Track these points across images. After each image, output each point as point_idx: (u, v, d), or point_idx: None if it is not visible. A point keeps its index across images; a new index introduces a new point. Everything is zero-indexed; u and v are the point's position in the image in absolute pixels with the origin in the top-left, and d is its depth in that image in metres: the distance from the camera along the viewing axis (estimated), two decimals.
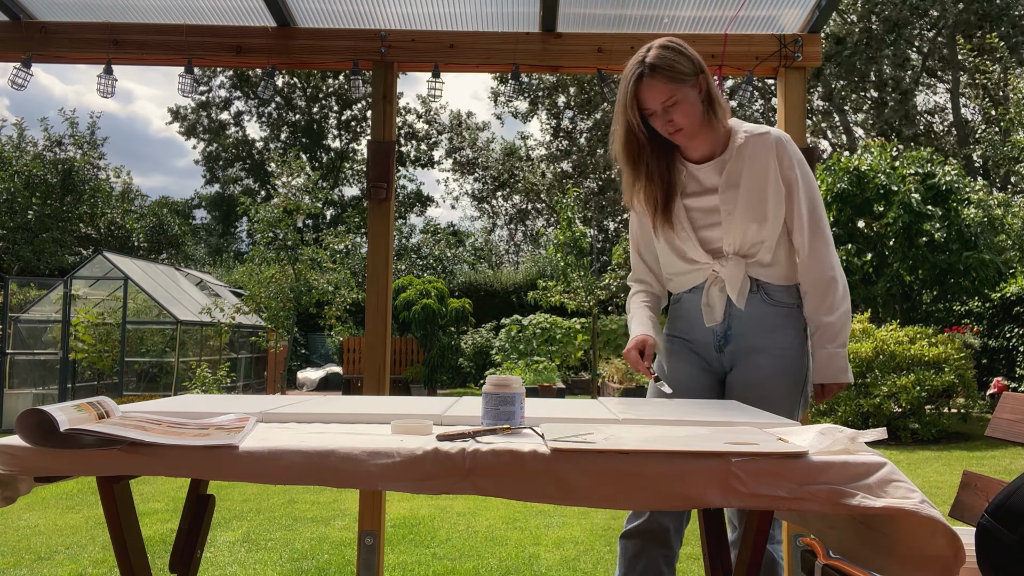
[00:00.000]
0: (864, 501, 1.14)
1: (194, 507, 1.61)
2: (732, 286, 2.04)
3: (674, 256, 2.11)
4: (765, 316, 2.06)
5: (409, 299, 13.73)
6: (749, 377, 2.05)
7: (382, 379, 2.81)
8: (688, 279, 2.12)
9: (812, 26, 2.81)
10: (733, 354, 2.08)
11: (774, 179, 2.01)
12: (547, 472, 1.19)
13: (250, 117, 29.37)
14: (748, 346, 2.06)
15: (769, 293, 2.06)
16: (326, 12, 2.87)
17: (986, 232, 9.16)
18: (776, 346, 2.05)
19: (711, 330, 2.09)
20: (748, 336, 2.06)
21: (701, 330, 2.10)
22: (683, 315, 2.15)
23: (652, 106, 1.94)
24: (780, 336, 2.06)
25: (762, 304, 2.06)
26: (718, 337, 2.09)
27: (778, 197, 2.01)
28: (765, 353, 2.04)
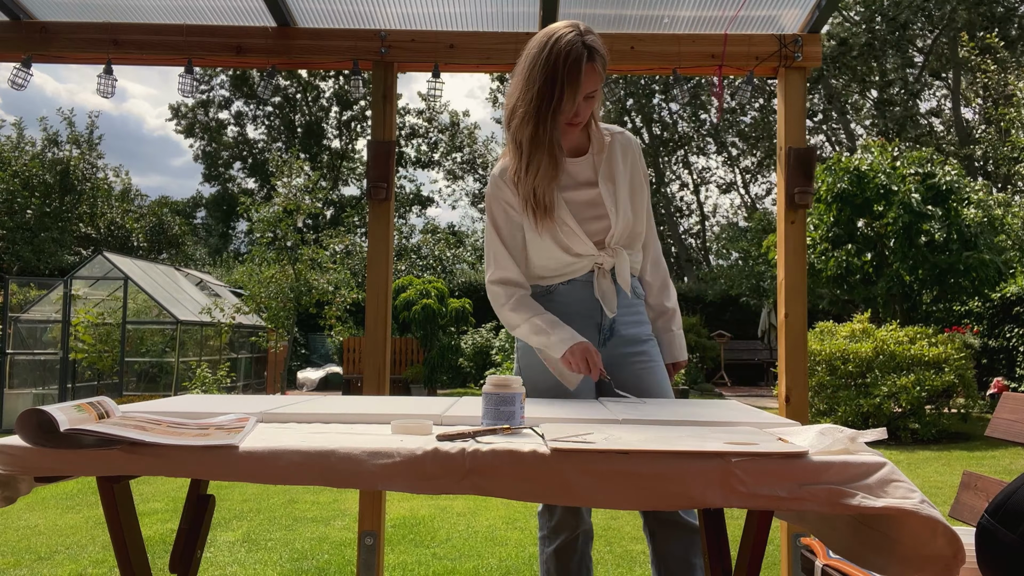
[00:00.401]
0: (864, 501, 1.14)
1: (194, 507, 1.61)
2: (622, 275, 2.03)
3: (557, 249, 2.00)
4: (635, 306, 2.11)
5: (409, 299, 13.73)
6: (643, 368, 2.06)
7: (382, 379, 2.81)
8: (568, 271, 2.04)
9: (812, 26, 2.81)
10: (615, 346, 2.06)
11: (640, 176, 2.08)
12: (547, 472, 1.19)
13: (250, 118, 29.37)
14: (629, 337, 2.07)
15: (633, 286, 2.11)
16: (326, 12, 2.87)
17: (986, 232, 9.16)
18: (648, 335, 2.12)
19: (595, 325, 2.04)
20: (627, 327, 2.07)
21: (579, 324, 2.01)
22: (558, 310, 2.03)
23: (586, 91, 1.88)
24: (646, 327, 2.14)
25: (628, 296, 2.08)
26: (604, 331, 2.05)
27: (643, 193, 2.08)
28: (647, 342, 2.10)
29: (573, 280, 2.04)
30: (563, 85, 1.83)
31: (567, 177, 2.01)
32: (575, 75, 1.83)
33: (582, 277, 2.04)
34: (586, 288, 2.04)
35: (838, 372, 7.64)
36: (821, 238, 9.61)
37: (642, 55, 2.88)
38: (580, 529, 2.05)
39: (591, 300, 2.04)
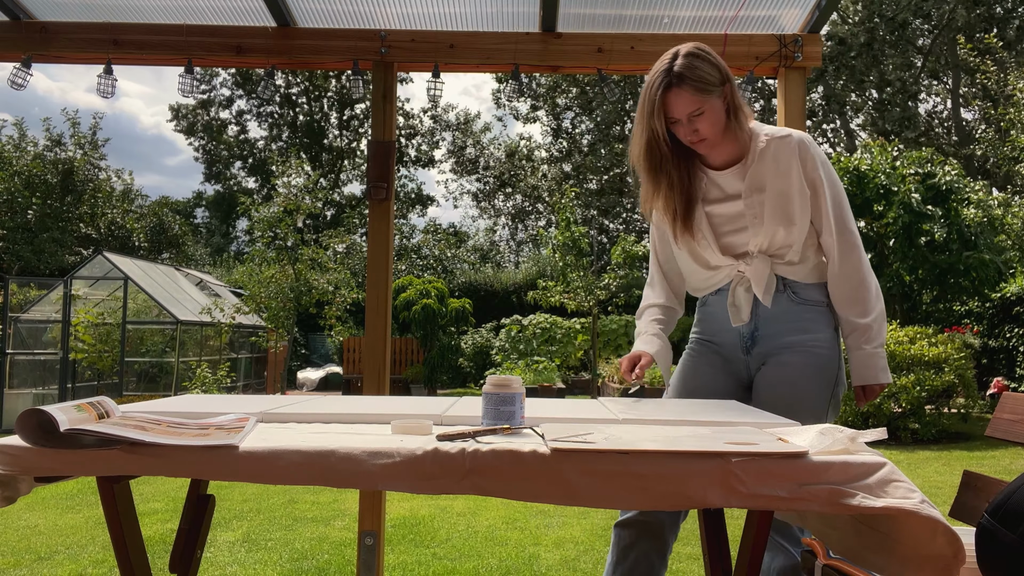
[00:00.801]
0: (864, 501, 1.14)
1: (194, 507, 1.61)
2: (758, 284, 1.99)
3: (695, 264, 2.10)
4: (794, 314, 2.01)
5: (409, 299, 13.73)
6: (778, 375, 2.00)
7: (382, 379, 2.81)
8: (712, 282, 2.10)
9: (812, 26, 2.81)
10: (760, 355, 2.04)
11: (798, 181, 1.97)
12: (547, 472, 1.19)
13: (251, 117, 29.38)
14: (777, 345, 2.01)
15: (797, 291, 2.02)
16: (326, 12, 2.87)
17: (986, 232, 9.16)
18: (807, 343, 2.00)
19: (737, 331, 2.05)
20: (776, 336, 2.02)
21: (727, 332, 2.07)
22: (708, 317, 2.13)
23: (677, 115, 1.91)
24: (810, 333, 2.01)
25: (790, 302, 2.02)
26: (744, 338, 2.05)
27: (803, 200, 1.98)
28: (794, 350, 1.99)
29: (720, 290, 2.09)
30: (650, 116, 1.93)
31: (716, 190, 2.04)
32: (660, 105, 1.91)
33: (727, 287, 2.07)
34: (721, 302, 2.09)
35: None
36: None
37: (642, 55, 2.88)
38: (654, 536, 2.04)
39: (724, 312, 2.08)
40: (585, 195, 24.56)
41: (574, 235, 12.72)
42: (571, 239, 12.72)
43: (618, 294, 13.01)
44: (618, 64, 2.89)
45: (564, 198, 13.27)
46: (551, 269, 15.62)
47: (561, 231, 12.81)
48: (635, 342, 2.15)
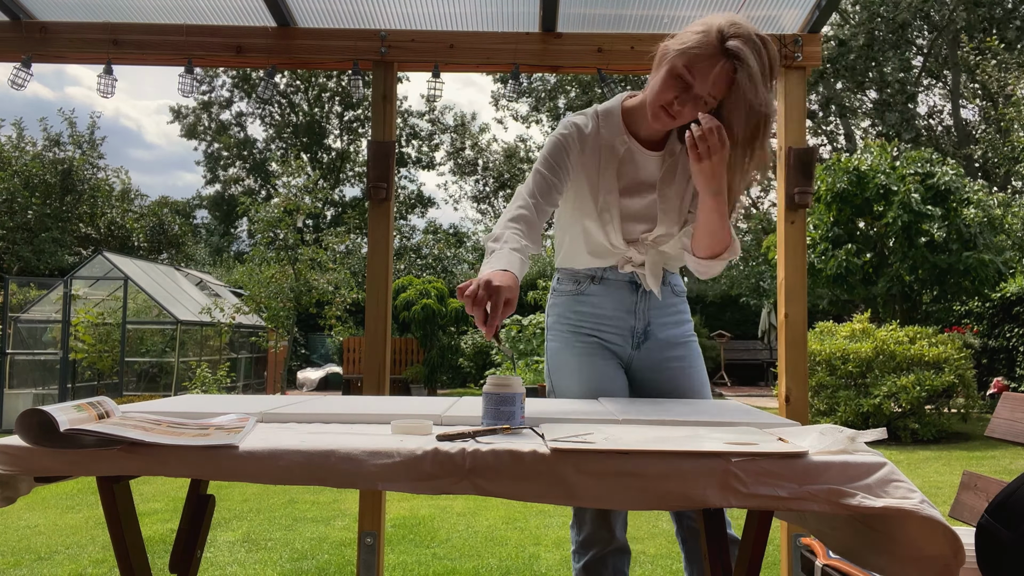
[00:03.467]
0: (864, 501, 1.14)
1: (194, 507, 1.60)
2: (653, 276, 1.93)
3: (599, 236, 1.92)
4: (672, 306, 2.02)
5: (409, 299, 13.74)
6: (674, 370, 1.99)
7: (382, 379, 2.81)
8: (596, 263, 1.97)
9: (812, 26, 2.81)
10: (650, 350, 2.00)
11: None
12: (547, 472, 1.19)
13: (252, 118, 29.39)
14: (665, 339, 1.99)
15: (673, 282, 2.03)
16: (326, 12, 2.87)
17: (986, 232, 9.16)
18: (686, 334, 2.03)
19: (628, 328, 1.98)
20: (662, 328, 1.99)
21: (614, 327, 1.98)
22: (592, 309, 1.98)
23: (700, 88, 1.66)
24: (686, 324, 2.04)
25: (670, 294, 2.01)
26: (637, 334, 1.99)
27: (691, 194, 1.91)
28: (681, 344, 2.01)
29: (604, 280, 1.97)
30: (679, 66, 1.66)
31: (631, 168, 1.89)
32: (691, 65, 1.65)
33: (612, 276, 1.98)
34: (618, 291, 1.98)
35: (838, 372, 7.65)
36: (821, 238, 9.62)
37: (642, 55, 2.87)
38: (611, 545, 1.95)
39: (625, 303, 1.98)
40: None
41: None
42: None
43: None
44: (618, 64, 2.89)
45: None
46: (551, 270, 15.62)
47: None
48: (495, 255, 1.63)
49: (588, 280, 1.99)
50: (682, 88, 1.68)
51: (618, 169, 1.88)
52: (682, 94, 1.68)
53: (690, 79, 1.66)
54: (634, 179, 1.89)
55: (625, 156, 1.88)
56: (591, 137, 1.89)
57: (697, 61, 1.63)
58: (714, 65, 1.63)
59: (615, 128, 1.88)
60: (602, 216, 1.89)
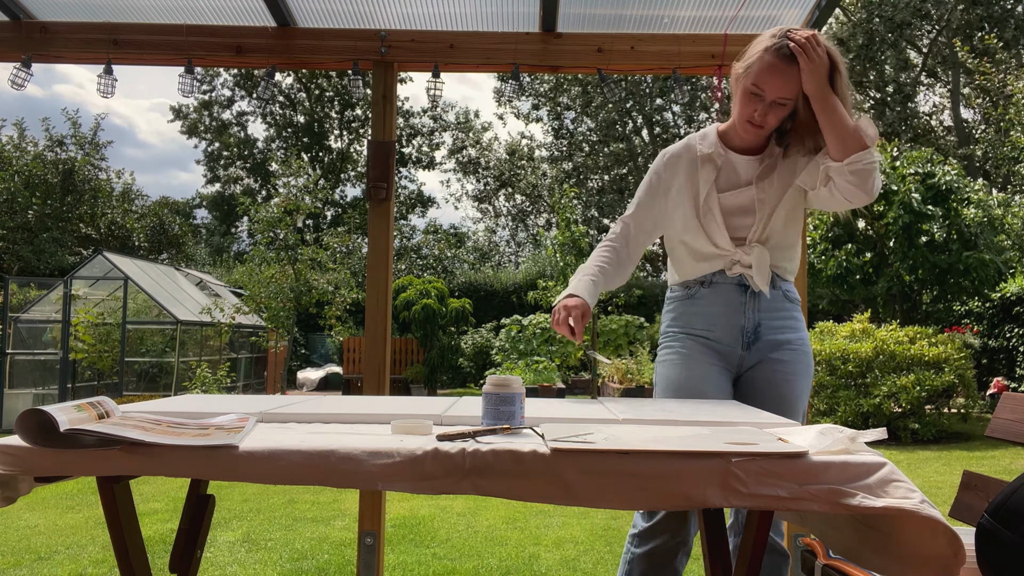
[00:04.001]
0: (864, 501, 1.14)
1: (194, 507, 1.61)
2: (760, 274, 1.99)
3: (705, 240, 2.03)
4: (785, 311, 2.07)
5: (409, 299, 13.73)
6: (778, 374, 2.02)
7: (382, 379, 2.81)
8: (706, 267, 2.05)
9: (812, 26, 2.81)
10: (759, 351, 2.03)
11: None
12: (547, 472, 1.19)
13: (253, 117, 29.39)
14: (774, 342, 2.03)
15: (786, 288, 2.07)
16: (326, 12, 2.87)
17: (986, 232, 9.16)
18: (797, 341, 2.06)
19: (739, 327, 2.02)
20: (774, 332, 2.03)
21: (725, 327, 2.03)
22: (701, 312, 2.06)
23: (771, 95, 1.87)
24: (799, 332, 2.08)
25: (783, 299, 2.07)
26: (747, 333, 2.02)
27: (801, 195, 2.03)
28: (789, 348, 2.04)
29: (713, 284, 2.04)
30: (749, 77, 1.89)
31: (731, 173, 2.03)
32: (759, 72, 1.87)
33: (719, 280, 2.03)
34: (728, 292, 2.03)
35: (838, 372, 7.65)
36: (821, 238, 9.62)
37: (642, 55, 2.88)
38: (679, 538, 1.96)
39: (733, 303, 2.02)
40: (585, 195, 24.56)
41: (574, 235, 12.73)
42: (571, 239, 12.72)
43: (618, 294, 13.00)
44: (618, 64, 2.89)
45: (564, 198, 13.28)
46: (551, 269, 15.62)
47: (561, 231, 12.81)
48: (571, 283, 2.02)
49: (698, 285, 2.07)
50: (758, 101, 1.89)
51: (717, 175, 2.03)
52: (759, 106, 1.89)
53: (761, 92, 1.87)
54: (733, 180, 2.03)
55: (724, 164, 2.03)
56: (686, 153, 2.07)
57: (761, 75, 1.86)
58: (777, 74, 1.85)
59: (712, 144, 2.05)
60: (705, 218, 2.02)
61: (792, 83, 1.85)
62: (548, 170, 27.11)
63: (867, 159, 1.87)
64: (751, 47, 1.92)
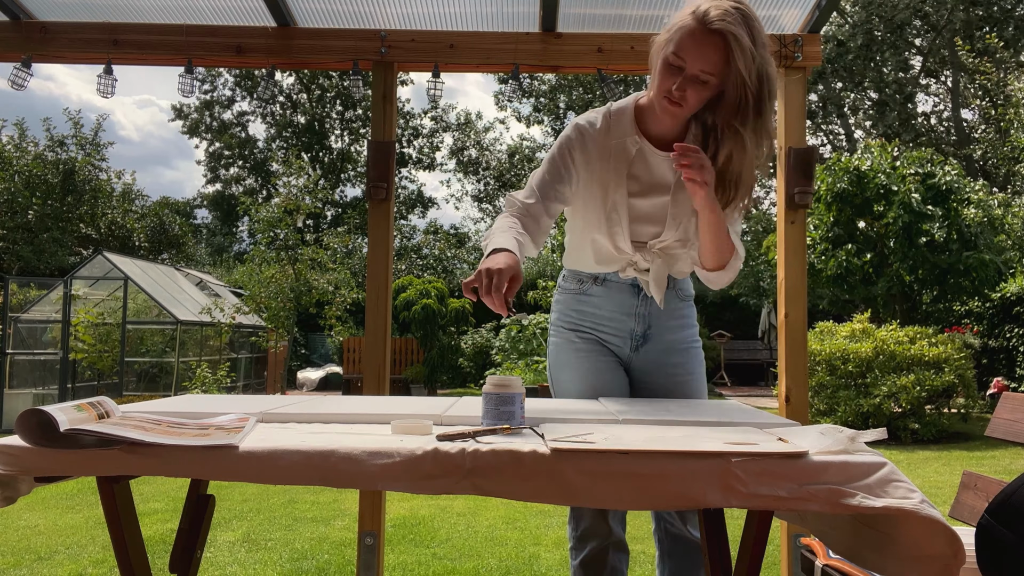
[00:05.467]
0: (864, 501, 1.14)
1: (194, 507, 1.60)
2: (657, 284, 1.92)
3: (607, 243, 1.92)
4: (677, 311, 2.02)
5: (409, 299, 13.74)
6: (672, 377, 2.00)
7: (382, 379, 2.81)
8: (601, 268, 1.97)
9: (812, 26, 2.81)
10: (649, 353, 2.00)
11: None
12: (547, 472, 1.19)
13: (253, 118, 29.39)
14: (664, 344, 2.00)
15: (680, 288, 2.02)
16: (326, 12, 2.87)
17: (986, 232, 9.16)
18: (688, 339, 2.03)
19: (628, 331, 1.98)
20: (663, 333, 2.00)
21: (613, 328, 1.99)
22: (591, 311, 1.99)
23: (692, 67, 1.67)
24: (690, 329, 2.04)
25: (675, 299, 2.02)
26: (636, 337, 1.99)
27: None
28: (680, 350, 2.01)
29: (607, 280, 1.98)
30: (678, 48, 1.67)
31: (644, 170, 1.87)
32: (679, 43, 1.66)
33: (615, 279, 1.97)
34: (620, 293, 1.97)
35: (838, 372, 7.65)
36: (821, 238, 9.62)
37: (642, 55, 2.87)
38: (610, 540, 1.94)
39: (625, 306, 1.97)
40: None
41: None
42: None
43: None
44: (618, 64, 2.88)
45: None
46: (551, 269, 15.63)
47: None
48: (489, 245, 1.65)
49: (591, 280, 2.00)
50: (678, 72, 1.69)
51: (629, 170, 1.87)
52: (679, 79, 1.69)
53: (681, 62, 1.67)
54: (646, 181, 1.88)
55: (637, 157, 1.87)
56: (600, 136, 1.87)
57: (683, 43, 1.66)
58: (700, 42, 1.64)
59: (627, 127, 1.87)
60: (610, 217, 1.88)
61: (716, 58, 1.64)
62: None
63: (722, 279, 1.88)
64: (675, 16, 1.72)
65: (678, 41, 1.66)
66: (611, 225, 1.88)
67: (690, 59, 1.66)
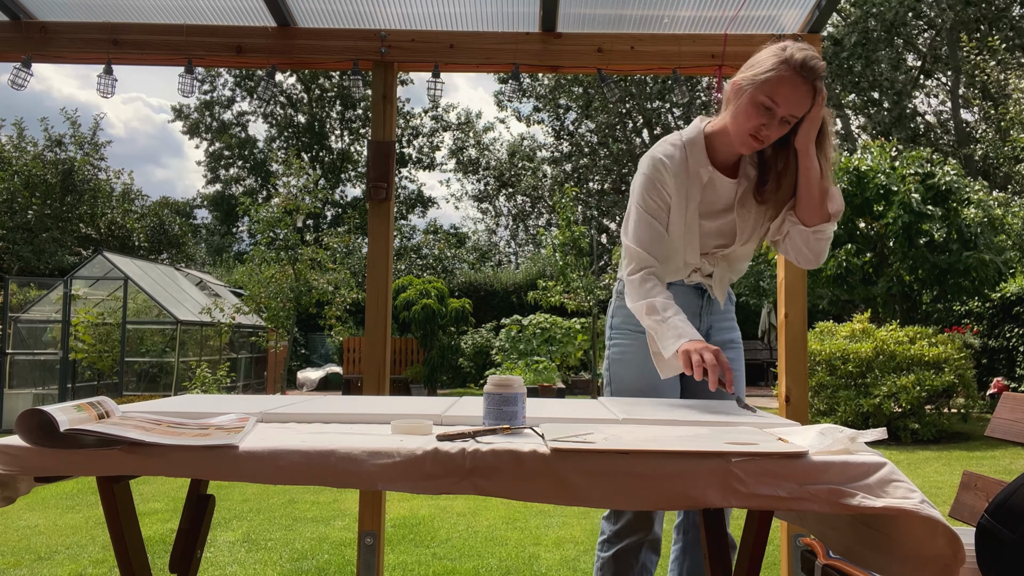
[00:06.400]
0: (864, 501, 1.14)
1: (194, 507, 1.61)
2: (720, 288, 2.09)
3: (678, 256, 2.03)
4: (728, 312, 2.18)
5: (409, 299, 13.73)
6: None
7: (382, 379, 2.81)
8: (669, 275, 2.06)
9: (812, 26, 2.81)
10: None
11: None
12: (547, 472, 1.19)
13: (253, 118, 29.38)
14: (721, 341, 2.13)
15: (729, 293, 2.18)
16: (326, 12, 2.87)
17: (986, 232, 9.15)
18: (736, 340, 2.18)
19: None
20: (719, 333, 2.15)
21: None
22: None
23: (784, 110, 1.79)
24: (736, 331, 2.20)
25: (727, 301, 2.18)
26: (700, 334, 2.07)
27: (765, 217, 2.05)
28: (731, 348, 2.14)
29: (671, 284, 2.07)
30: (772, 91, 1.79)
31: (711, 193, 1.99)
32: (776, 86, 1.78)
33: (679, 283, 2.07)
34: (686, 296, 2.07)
35: (838, 372, 7.64)
36: None
37: (642, 55, 2.88)
38: (648, 537, 2.00)
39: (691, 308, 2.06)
40: (585, 195, 24.56)
41: (574, 235, 12.73)
42: (571, 239, 12.73)
43: None
44: (618, 64, 2.88)
45: (564, 198, 13.28)
46: (551, 269, 15.62)
47: (561, 231, 12.81)
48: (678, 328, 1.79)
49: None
50: (768, 115, 1.81)
51: (702, 196, 1.99)
52: (768, 120, 1.81)
53: (773, 105, 1.79)
54: (715, 203, 2.00)
55: (708, 184, 1.99)
56: (680, 167, 1.98)
57: (779, 89, 1.77)
58: (795, 88, 1.76)
59: (701, 158, 1.98)
60: (685, 238, 2.00)
61: (805, 102, 1.79)
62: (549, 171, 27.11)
63: (828, 232, 1.95)
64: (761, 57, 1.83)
65: (774, 86, 1.77)
66: (686, 244, 2.01)
67: (784, 104, 1.78)
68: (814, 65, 1.76)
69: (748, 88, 1.81)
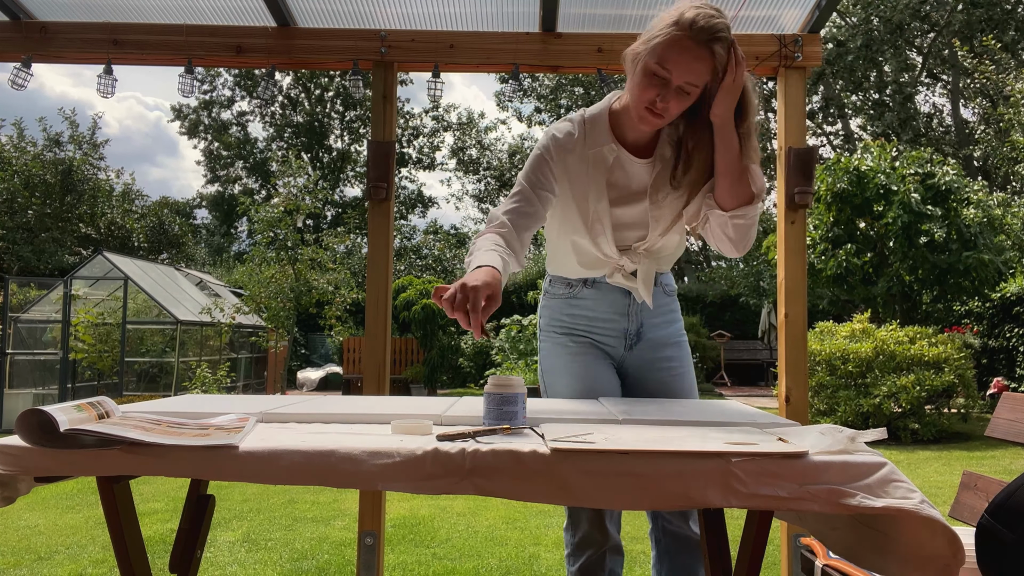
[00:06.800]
0: (864, 501, 1.14)
1: (194, 507, 1.60)
2: (645, 285, 1.92)
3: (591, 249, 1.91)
4: (664, 306, 2.03)
5: (409, 299, 13.73)
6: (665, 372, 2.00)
7: (382, 379, 2.81)
8: (589, 272, 1.97)
9: (812, 26, 2.81)
10: (643, 351, 2.01)
11: None
12: (547, 472, 1.19)
13: (253, 118, 29.38)
14: (656, 339, 2.01)
15: (665, 283, 2.04)
16: (326, 12, 2.87)
17: (986, 232, 9.16)
18: (676, 334, 2.05)
19: (622, 331, 1.99)
20: (654, 329, 2.01)
21: (607, 328, 1.99)
22: (583, 314, 1.99)
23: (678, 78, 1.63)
24: (677, 323, 2.06)
25: (661, 295, 2.03)
26: (630, 336, 2.00)
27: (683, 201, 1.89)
28: (671, 345, 2.02)
29: (596, 282, 1.98)
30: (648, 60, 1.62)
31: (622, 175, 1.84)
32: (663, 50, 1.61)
33: (602, 280, 1.97)
34: (611, 294, 1.98)
35: (838, 372, 7.65)
36: (821, 238, 9.61)
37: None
38: (607, 546, 1.95)
39: (618, 306, 1.98)
40: None
41: None
42: None
43: None
44: (618, 64, 2.86)
45: None
46: None
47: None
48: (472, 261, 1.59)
49: (581, 284, 2.00)
50: (661, 84, 1.65)
51: (608, 178, 1.84)
52: (662, 90, 1.65)
53: (665, 73, 1.63)
54: (625, 189, 1.85)
55: (615, 164, 1.84)
56: (576, 146, 1.84)
57: (668, 51, 1.61)
58: (686, 51, 1.60)
59: (603, 135, 1.84)
60: (593, 228, 1.86)
61: (702, 69, 1.61)
62: None
63: (751, 214, 1.77)
64: (657, 21, 1.66)
65: (662, 50, 1.61)
66: (595, 235, 1.87)
67: (676, 70, 1.62)
68: (706, 24, 1.57)
69: (639, 56, 1.67)
